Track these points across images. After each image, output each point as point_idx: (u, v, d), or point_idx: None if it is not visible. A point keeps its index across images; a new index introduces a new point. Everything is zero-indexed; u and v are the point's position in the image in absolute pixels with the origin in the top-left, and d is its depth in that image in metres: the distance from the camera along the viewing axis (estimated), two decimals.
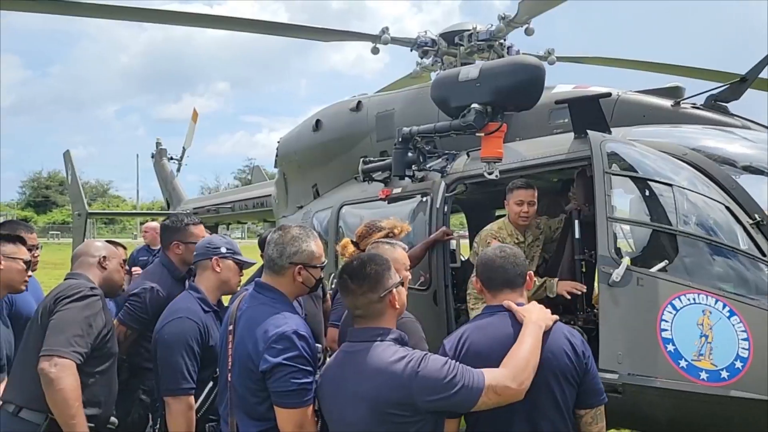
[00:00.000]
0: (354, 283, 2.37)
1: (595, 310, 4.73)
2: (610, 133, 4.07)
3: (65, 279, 2.94)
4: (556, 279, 4.21)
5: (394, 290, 2.40)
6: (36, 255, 3.79)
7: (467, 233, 7.28)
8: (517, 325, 2.45)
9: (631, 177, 3.66)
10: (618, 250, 3.39)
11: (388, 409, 2.19)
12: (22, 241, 3.30)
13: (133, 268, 5.42)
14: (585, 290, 4.23)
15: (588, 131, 3.79)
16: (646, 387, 3.62)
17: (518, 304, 2.53)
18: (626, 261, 3.20)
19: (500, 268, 2.56)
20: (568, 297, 4.14)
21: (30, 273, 3.30)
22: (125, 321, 3.36)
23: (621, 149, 3.78)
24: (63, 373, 2.54)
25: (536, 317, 2.40)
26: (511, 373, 2.24)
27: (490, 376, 2.24)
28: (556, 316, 2.46)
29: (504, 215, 7.41)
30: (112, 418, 2.95)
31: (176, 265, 3.61)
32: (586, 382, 2.43)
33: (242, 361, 2.52)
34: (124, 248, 3.83)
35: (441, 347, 2.56)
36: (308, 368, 2.44)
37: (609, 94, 4.50)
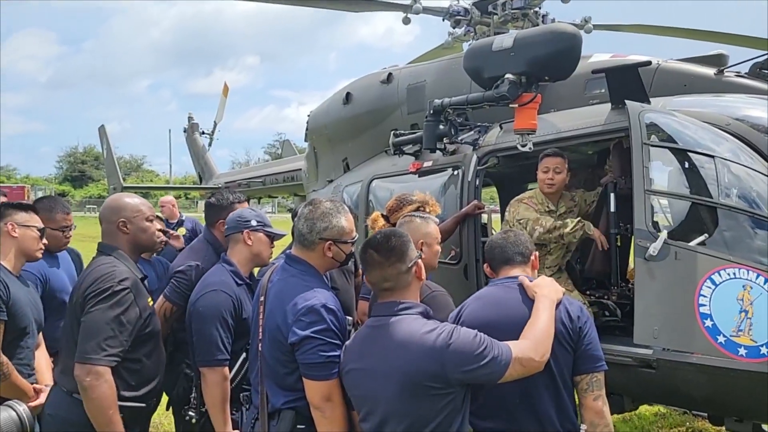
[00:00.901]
0: (381, 255, 2.38)
1: (630, 285, 4.66)
2: (649, 103, 3.95)
3: (97, 251, 2.91)
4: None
5: (419, 261, 2.43)
6: (68, 235, 3.86)
7: (498, 207, 7.21)
8: (510, 294, 2.52)
9: (670, 148, 3.55)
10: (655, 224, 3.31)
11: (420, 381, 2.19)
12: (34, 210, 3.35)
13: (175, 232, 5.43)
14: (607, 247, 4.23)
15: (626, 101, 3.68)
16: (682, 363, 3.56)
17: (515, 277, 2.60)
18: (664, 235, 3.12)
19: (498, 248, 2.69)
20: (599, 242, 4.19)
21: (46, 241, 3.34)
22: (171, 298, 3.40)
23: (660, 120, 3.66)
24: (96, 381, 2.52)
25: (547, 291, 2.45)
26: (534, 345, 2.28)
27: (516, 348, 2.26)
28: (563, 289, 2.51)
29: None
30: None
31: (221, 243, 3.60)
32: (581, 347, 2.44)
33: (272, 333, 2.56)
34: None
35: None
36: (336, 341, 2.47)
37: (649, 63, 4.35)
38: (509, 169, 6.43)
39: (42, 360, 3.30)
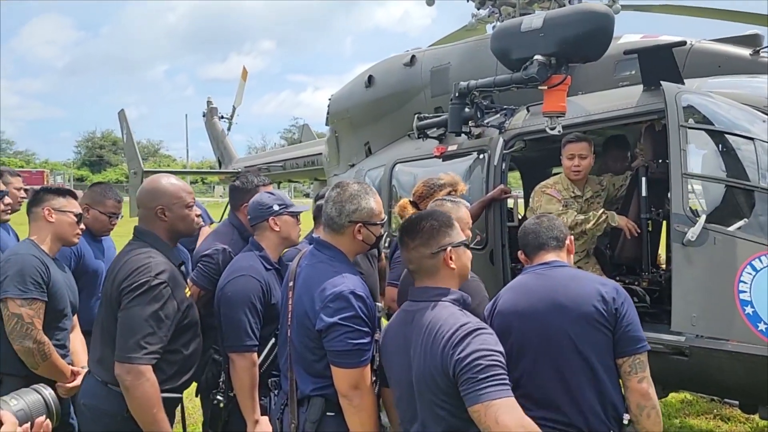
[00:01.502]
0: (407, 236, 2.35)
1: (660, 271, 4.58)
2: (683, 84, 3.84)
3: (133, 235, 2.83)
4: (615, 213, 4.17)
5: (449, 249, 2.31)
6: (114, 222, 3.96)
7: (522, 191, 7.13)
8: (542, 281, 2.46)
9: (708, 130, 3.45)
10: (693, 209, 3.22)
11: (433, 372, 2.14)
12: (72, 195, 3.37)
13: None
14: (638, 232, 4.16)
15: (662, 82, 3.57)
16: (716, 350, 3.49)
17: (558, 264, 2.54)
18: (702, 219, 3.04)
19: (532, 233, 2.63)
20: (627, 230, 4.14)
21: (83, 226, 3.38)
22: (198, 282, 3.37)
23: (698, 101, 3.56)
24: (138, 381, 2.47)
25: None
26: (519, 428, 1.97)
27: (507, 403, 1.99)
28: None
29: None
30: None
31: (246, 226, 3.56)
32: (620, 329, 2.36)
33: (300, 319, 2.54)
34: None
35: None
36: (365, 329, 2.43)
37: (684, 43, 4.23)
38: (533, 153, 6.33)
39: (77, 341, 3.36)
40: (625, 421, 2.37)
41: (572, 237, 2.68)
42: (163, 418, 2.52)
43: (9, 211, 3.85)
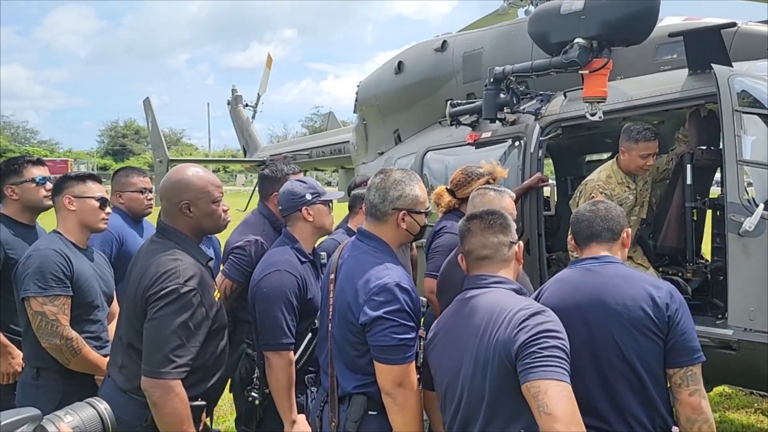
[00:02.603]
0: (484, 223, 2.29)
1: (704, 261, 4.44)
2: (732, 67, 3.68)
3: (156, 229, 2.68)
4: None
5: (520, 242, 2.32)
6: (149, 197, 3.89)
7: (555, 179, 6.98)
8: (591, 278, 2.34)
9: (764, 115, 3.29)
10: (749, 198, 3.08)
11: (490, 351, 2.03)
12: (94, 179, 3.23)
13: None
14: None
15: (713, 65, 3.42)
16: (766, 344, 3.37)
17: (609, 260, 2.40)
18: (761, 209, 2.90)
19: (586, 221, 2.47)
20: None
21: (109, 210, 3.23)
22: (230, 275, 3.30)
23: (752, 85, 3.40)
24: (167, 396, 2.31)
25: None
26: (571, 418, 1.88)
27: (567, 388, 1.92)
28: None
29: (595, 160, 7.08)
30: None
31: (276, 216, 3.48)
32: (673, 338, 2.21)
33: (342, 312, 2.44)
34: None
35: None
36: (410, 323, 2.33)
37: (733, 24, 4.06)
38: (566, 141, 6.19)
39: None
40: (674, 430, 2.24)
41: (629, 230, 2.52)
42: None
43: (50, 197, 3.73)
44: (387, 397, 2.33)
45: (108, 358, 2.96)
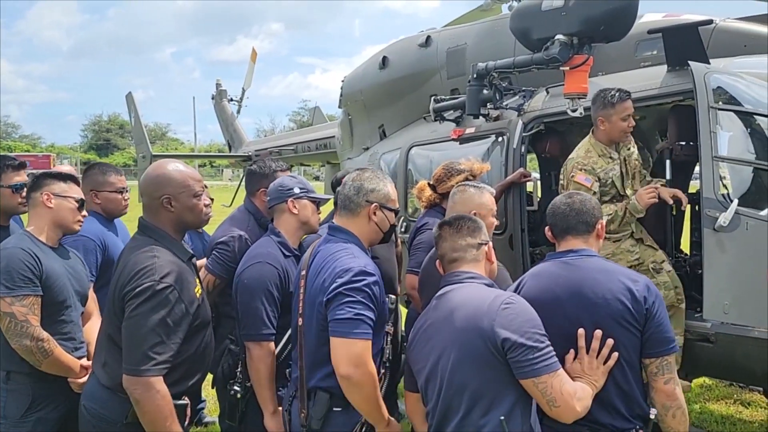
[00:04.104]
0: (453, 228, 2.40)
1: (684, 255, 4.51)
2: (709, 64, 3.74)
3: (138, 228, 2.63)
4: (633, 198, 3.80)
5: (490, 244, 2.43)
6: (126, 197, 3.79)
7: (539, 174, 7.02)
8: (569, 271, 2.39)
9: (739, 112, 3.35)
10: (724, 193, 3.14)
11: (470, 340, 2.11)
12: (74, 180, 3.20)
13: None
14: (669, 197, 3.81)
15: (690, 62, 3.47)
16: (744, 337, 3.43)
17: (586, 253, 2.45)
18: (735, 204, 2.95)
19: (561, 214, 2.52)
20: (657, 201, 3.78)
21: (85, 213, 3.20)
22: (213, 270, 3.31)
23: (727, 81, 3.45)
24: (148, 393, 2.30)
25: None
26: (580, 398, 2.17)
27: (564, 374, 2.16)
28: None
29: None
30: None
31: (262, 212, 3.51)
32: (650, 329, 2.29)
33: (311, 300, 2.48)
34: None
35: None
36: (370, 305, 2.35)
37: (710, 22, 4.12)
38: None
39: (93, 331, 3.13)
40: (652, 416, 2.32)
41: (603, 222, 2.57)
42: (177, 430, 2.38)
43: (25, 204, 3.68)
44: (343, 381, 2.29)
45: (81, 360, 2.96)
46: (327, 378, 2.41)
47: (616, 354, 2.26)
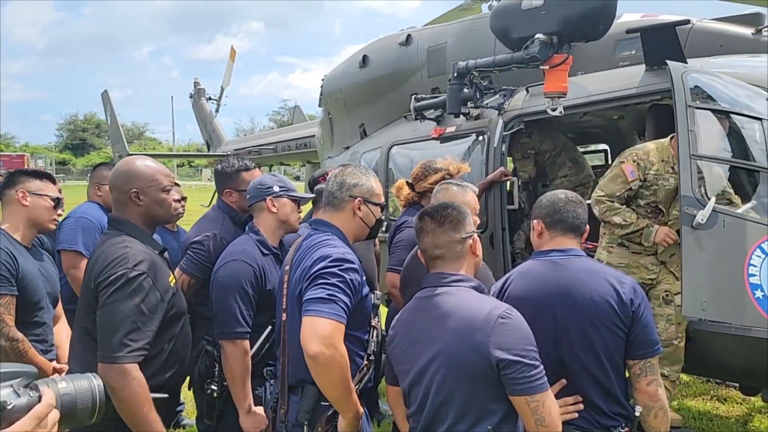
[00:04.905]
0: (435, 222, 2.25)
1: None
2: (687, 63, 3.78)
3: (108, 224, 2.62)
4: (656, 227, 3.75)
5: (475, 236, 2.29)
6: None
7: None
8: (556, 272, 2.36)
9: (716, 111, 3.38)
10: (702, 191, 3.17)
11: (462, 354, 2.04)
12: (51, 179, 3.16)
13: None
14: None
15: (668, 62, 3.50)
16: (720, 334, 3.48)
17: (574, 253, 2.44)
18: (712, 202, 2.98)
19: (557, 210, 2.46)
20: (665, 245, 3.76)
21: (61, 212, 3.17)
22: (188, 270, 3.25)
23: (704, 81, 3.49)
24: (124, 381, 2.26)
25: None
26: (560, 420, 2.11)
27: (552, 395, 2.10)
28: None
29: None
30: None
31: (235, 210, 3.46)
32: (635, 332, 2.28)
33: (293, 292, 2.43)
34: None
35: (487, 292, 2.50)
36: (346, 290, 2.27)
37: (687, 21, 4.17)
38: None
39: (63, 334, 3.17)
40: (637, 413, 2.32)
41: (587, 227, 2.53)
42: (155, 417, 2.33)
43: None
44: (310, 361, 2.17)
45: (53, 363, 2.92)
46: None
47: (580, 405, 2.29)
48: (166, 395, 2.46)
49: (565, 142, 5.67)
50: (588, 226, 2.53)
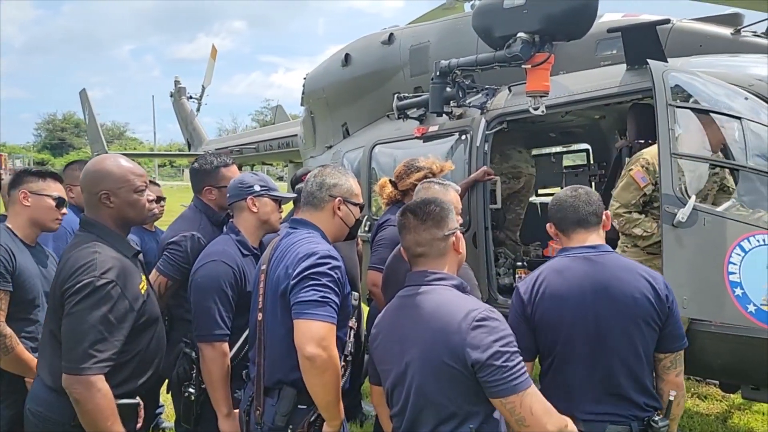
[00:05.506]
0: (417, 219, 2.22)
1: None
2: (667, 63, 3.80)
3: (79, 226, 2.54)
4: None
5: (458, 233, 2.26)
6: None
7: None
8: (594, 269, 2.36)
9: (696, 110, 3.40)
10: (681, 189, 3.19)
11: (440, 356, 2.02)
12: (54, 177, 3.17)
13: None
14: None
15: (648, 61, 3.52)
16: (700, 332, 3.50)
17: (605, 249, 2.45)
18: (693, 200, 2.99)
19: (571, 207, 2.48)
20: None
21: (65, 210, 3.18)
22: (165, 271, 3.17)
23: (685, 80, 3.51)
24: (88, 392, 2.18)
25: None
26: (551, 415, 2.02)
27: (535, 391, 2.02)
28: None
29: (544, 154, 7.19)
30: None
31: (213, 209, 3.39)
32: (668, 326, 2.36)
33: (274, 291, 2.40)
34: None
35: (515, 291, 2.51)
36: (335, 289, 2.29)
37: (668, 21, 4.19)
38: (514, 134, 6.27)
39: None
40: (671, 397, 2.36)
41: (608, 212, 2.55)
42: (119, 430, 2.26)
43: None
44: (306, 363, 2.18)
45: None
46: (293, 371, 2.33)
47: None
48: (137, 401, 2.40)
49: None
50: (608, 214, 2.54)
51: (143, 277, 2.51)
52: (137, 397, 2.41)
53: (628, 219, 3.81)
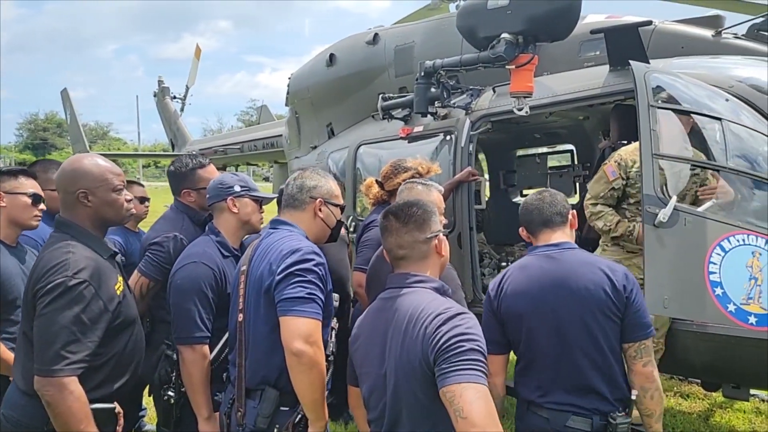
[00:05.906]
0: (399, 221, 2.20)
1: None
2: (649, 64, 3.82)
3: (54, 226, 2.50)
4: (637, 225, 3.81)
5: (441, 235, 2.25)
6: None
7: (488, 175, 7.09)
8: (553, 265, 2.48)
9: (678, 110, 3.43)
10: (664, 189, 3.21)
11: (414, 360, 1.99)
12: (27, 174, 3.13)
13: None
14: None
15: (630, 62, 3.54)
16: (682, 331, 3.53)
17: (567, 246, 2.56)
18: (674, 200, 3.01)
19: (536, 209, 2.63)
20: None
21: (43, 206, 3.15)
22: (146, 272, 3.14)
23: (667, 81, 3.53)
24: (61, 395, 2.14)
25: None
26: (489, 419, 1.84)
27: (484, 391, 1.87)
28: None
29: (531, 155, 7.21)
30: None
31: (194, 210, 3.35)
32: (628, 316, 2.42)
33: (256, 290, 2.38)
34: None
35: (488, 288, 2.63)
36: (320, 285, 2.31)
37: (650, 23, 4.23)
38: (499, 135, 6.30)
39: None
40: (633, 397, 2.44)
41: (574, 211, 2.68)
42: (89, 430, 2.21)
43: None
44: (293, 358, 2.18)
45: None
46: (277, 370, 2.32)
47: None
48: (113, 406, 2.36)
49: None
50: (574, 213, 2.66)
51: (120, 278, 2.47)
52: (114, 402, 2.36)
53: (592, 212, 3.97)
